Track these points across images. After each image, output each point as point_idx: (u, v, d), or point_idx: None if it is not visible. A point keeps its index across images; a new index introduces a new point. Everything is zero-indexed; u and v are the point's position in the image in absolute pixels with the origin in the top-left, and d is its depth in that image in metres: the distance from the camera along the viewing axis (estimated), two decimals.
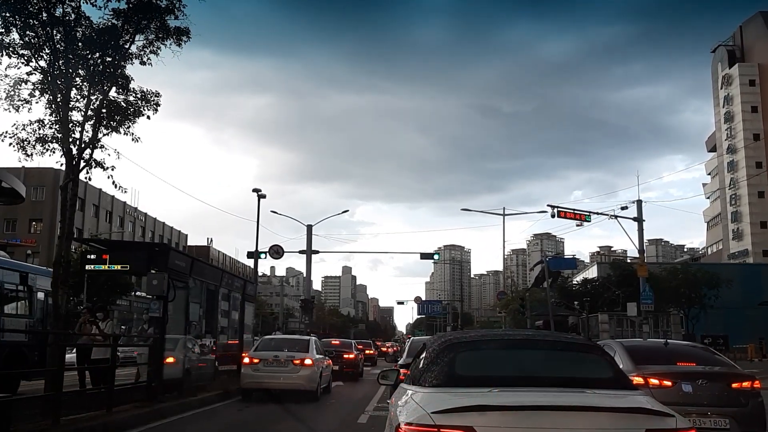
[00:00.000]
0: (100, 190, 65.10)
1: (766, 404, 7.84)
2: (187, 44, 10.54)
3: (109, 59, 10.28)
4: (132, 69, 10.69)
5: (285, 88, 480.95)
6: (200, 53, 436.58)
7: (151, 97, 10.75)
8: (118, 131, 10.50)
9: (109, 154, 10.41)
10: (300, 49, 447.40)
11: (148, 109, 10.63)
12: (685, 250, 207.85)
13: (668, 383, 7.70)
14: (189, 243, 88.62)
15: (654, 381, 7.72)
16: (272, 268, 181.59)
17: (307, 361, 14.35)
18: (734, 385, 7.82)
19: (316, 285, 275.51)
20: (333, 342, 25.75)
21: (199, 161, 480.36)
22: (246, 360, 14.62)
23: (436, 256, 44.23)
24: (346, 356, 23.24)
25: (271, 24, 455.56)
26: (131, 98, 10.62)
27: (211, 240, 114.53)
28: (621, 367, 6.95)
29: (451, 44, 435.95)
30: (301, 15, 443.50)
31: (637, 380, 7.41)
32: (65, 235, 9.89)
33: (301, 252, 38.99)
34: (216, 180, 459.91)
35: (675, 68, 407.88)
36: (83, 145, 10.07)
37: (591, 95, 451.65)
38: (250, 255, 35.30)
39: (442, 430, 3.52)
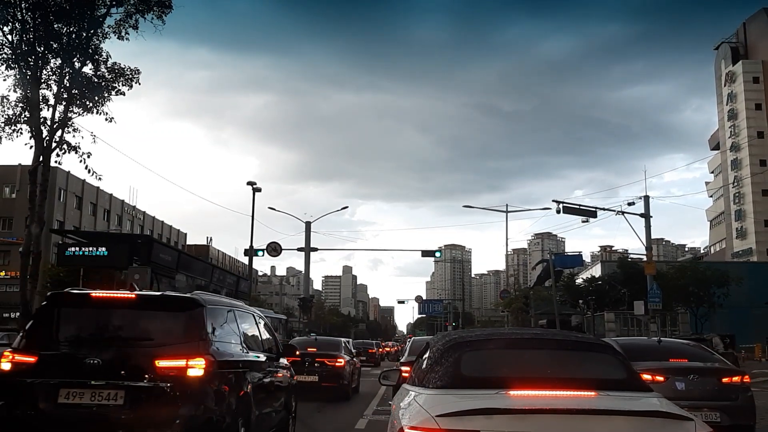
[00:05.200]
0: (98, 188, 64.48)
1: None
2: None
3: (84, 33, 9.42)
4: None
5: (284, 87, 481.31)
6: (198, 52, 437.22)
7: (129, 72, 9.89)
8: (91, 111, 9.63)
9: (83, 137, 9.58)
10: (299, 48, 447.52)
11: (123, 85, 9.75)
12: (686, 249, 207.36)
13: (660, 379, 7.87)
14: (188, 242, 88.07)
15: (647, 377, 7.70)
16: (272, 268, 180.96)
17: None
18: (725, 380, 8.13)
19: (317, 285, 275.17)
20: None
21: (199, 161, 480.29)
22: None
23: (437, 253, 43.50)
24: (370, 350, 36.47)
25: (269, 23, 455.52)
26: (105, 73, 9.74)
27: (211, 239, 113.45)
28: None
29: (450, 43, 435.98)
30: (299, 14, 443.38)
31: None
32: (34, 224, 9.02)
33: (299, 249, 38.33)
34: (216, 179, 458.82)
35: (676, 66, 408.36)
36: (54, 126, 9.21)
37: (591, 94, 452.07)
38: (246, 252, 34.54)
39: None
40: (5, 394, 5.39)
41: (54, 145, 9.34)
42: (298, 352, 11.35)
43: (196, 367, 5.52)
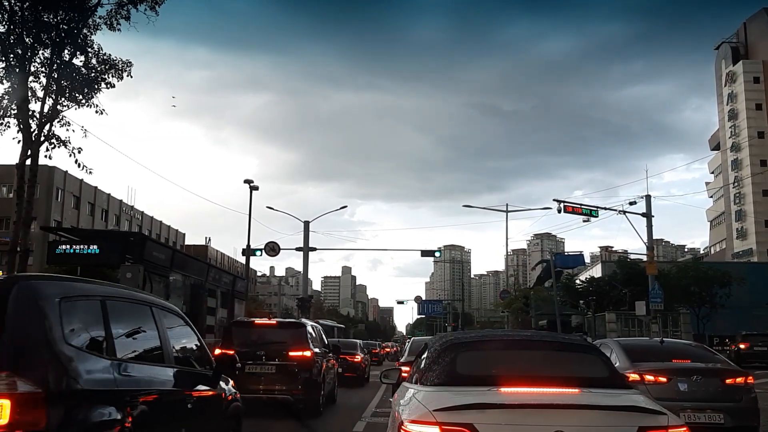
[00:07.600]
0: (96, 188, 64.28)
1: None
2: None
3: (74, 24, 9.14)
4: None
5: (283, 86, 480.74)
6: (197, 52, 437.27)
7: (120, 64, 9.59)
8: (81, 104, 9.35)
9: (74, 131, 9.30)
10: (298, 47, 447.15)
11: (113, 77, 9.44)
12: (686, 250, 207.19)
13: (663, 380, 7.92)
14: (187, 242, 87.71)
15: (649, 378, 7.90)
16: (272, 268, 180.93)
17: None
18: (728, 381, 8.10)
19: (316, 285, 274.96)
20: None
21: (198, 161, 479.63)
22: None
23: (437, 254, 43.23)
24: (374, 351, 38.40)
25: (268, 22, 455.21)
26: (95, 65, 9.45)
27: (210, 239, 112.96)
28: (617, 364, 7.75)
29: (450, 43, 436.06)
30: (299, 13, 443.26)
31: (633, 377, 7.69)
32: (22, 220, 8.75)
33: (298, 249, 38.03)
34: (215, 179, 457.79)
35: (676, 66, 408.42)
36: (44, 119, 8.93)
37: (591, 94, 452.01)
38: (244, 251, 34.30)
39: (443, 427, 3.64)
40: (220, 366, 9.18)
41: (42, 138, 9.07)
42: (342, 350, 16.50)
43: (306, 355, 11.17)
